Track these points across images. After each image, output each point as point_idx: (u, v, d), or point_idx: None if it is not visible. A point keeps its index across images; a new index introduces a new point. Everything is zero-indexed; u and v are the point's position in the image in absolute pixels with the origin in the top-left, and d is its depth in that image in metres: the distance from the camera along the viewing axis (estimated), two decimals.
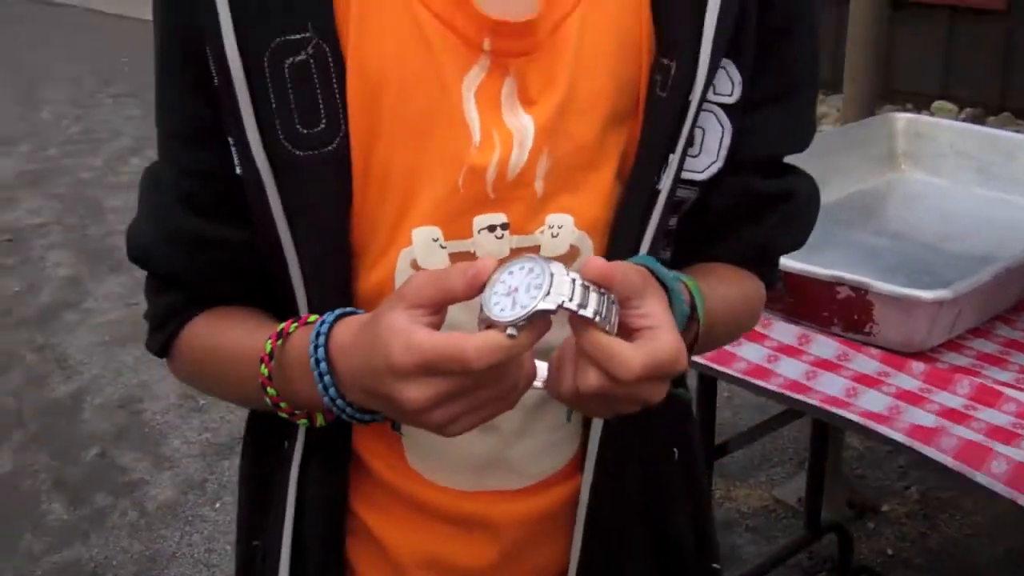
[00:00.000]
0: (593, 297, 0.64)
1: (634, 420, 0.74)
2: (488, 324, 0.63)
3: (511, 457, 0.82)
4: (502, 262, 0.66)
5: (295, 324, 0.76)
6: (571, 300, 0.63)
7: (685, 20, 0.79)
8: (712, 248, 0.88)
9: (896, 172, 2.06)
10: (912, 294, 1.34)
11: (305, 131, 0.76)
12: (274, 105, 0.75)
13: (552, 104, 0.77)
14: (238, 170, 0.78)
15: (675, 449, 0.91)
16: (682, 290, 0.74)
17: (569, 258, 0.79)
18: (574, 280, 0.64)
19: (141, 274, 0.86)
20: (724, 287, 0.85)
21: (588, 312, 0.63)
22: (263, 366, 0.77)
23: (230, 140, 0.77)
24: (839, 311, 1.42)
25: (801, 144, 0.87)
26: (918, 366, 1.35)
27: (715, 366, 1.50)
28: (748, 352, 1.46)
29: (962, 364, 1.37)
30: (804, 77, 0.87)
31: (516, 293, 0.64)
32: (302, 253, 0.79)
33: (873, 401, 1.32)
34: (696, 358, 1.30)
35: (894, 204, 1.96)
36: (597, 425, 0.82)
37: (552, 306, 0.62)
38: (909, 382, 1.34)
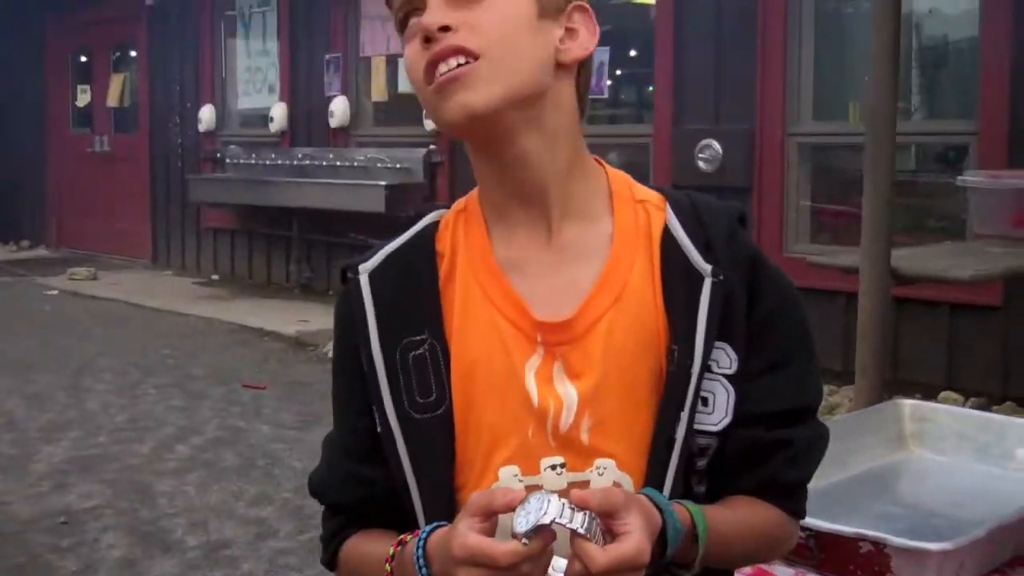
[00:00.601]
0: (579, 516, 0.97)
1: None
2: (513, 533, 0.97)
3: None
4: (530, 490, 1.01)
5: (409, 536, 1.12)
6: (561, 518, 0.96)
7: (683, 317, 1.15)
8: (733, 484, 1.18)
9: (905, 451, 2.33)
10: (922, 546, 1.59)
11: (421, 401, 1.16)
12: (402, 384, 1.17)
13: (591, 381, 1.14)
14: (378, 429, 1.18)
15: None
16: (677, 512, 1.06)
17: None
18: (564, 504, 0.97)
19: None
20: (733, 513, 1.16)
21: (574, 526, 0.96)
22: (387, 564, 1.13)
23: (374, 408, 1.18)
24: (863, 564, 1.66)
25: (798, 401, 1.20)
26: None
27: None
28: None
29: None
30: (794, 350, 1.20)
31: (530, 514, 0.97)
32: (421, 486, 1.16)
33: None
34: None
35: (905, 479, 2.22)
36: None
37: (548, 521, 0.96)
38: None
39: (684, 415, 1.13)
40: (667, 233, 1.18)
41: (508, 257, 1.19)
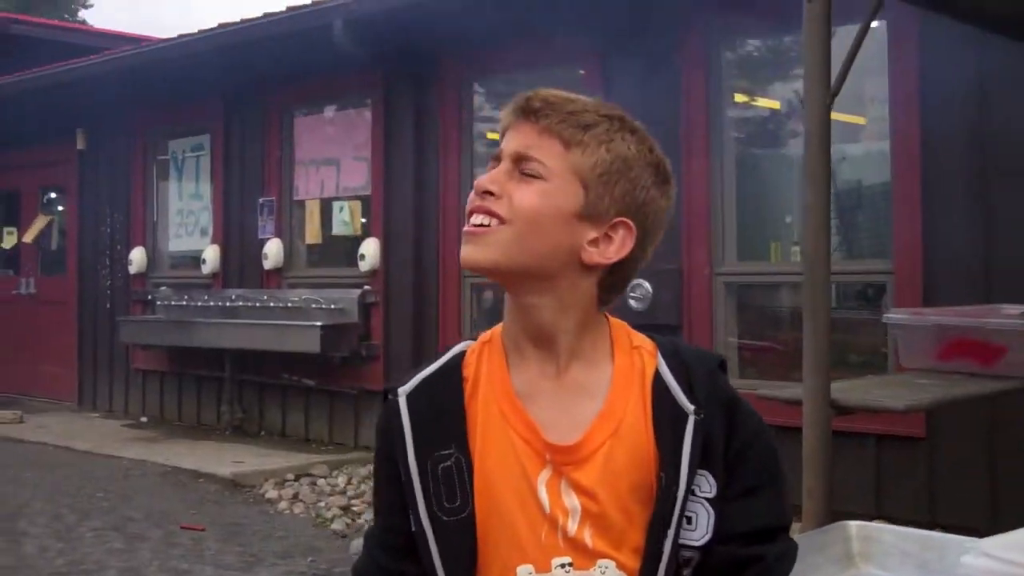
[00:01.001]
0: None
1: None
2: None
3: None
4: None
5: None
6: None
7: (670, 448, 1.37)
8: None
9: (854, 569, 2.49)
10: None
11: (448, 506, 1.37)
12: (432, 490, 1.37)
13: (592, 497, 1.36)
14: (413, 528, 1.38)
15: None
16: None
17: None
18: None
19: None
20: None
21: None
22: None
23: (409, 511, 1.38)
24: None
25: (770, 521, 1.42)
26: None
27: None
28: None
29: None
30: (765, 478, 1.43)
31: None
32: None
33: None
34: None
35: None
36: None
37: None
38: None
39: (671, 531, 1.35)
40: (658, 376, 1.41)
41: (522, 386, 1.41)
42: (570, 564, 1.34)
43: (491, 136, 8.22)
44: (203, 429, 9.84)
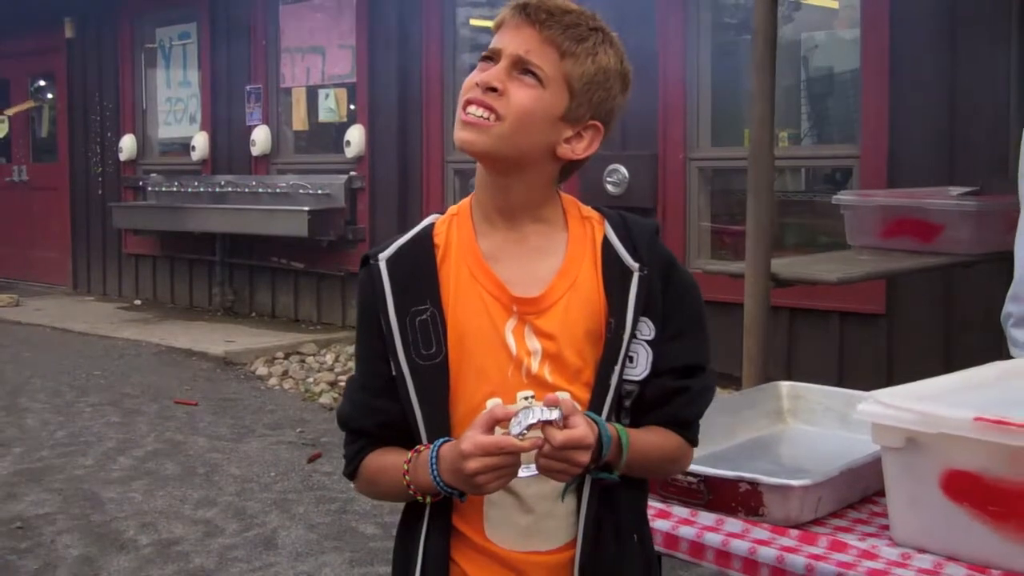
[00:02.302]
0: (553, 413, 1.46)
1: (604, 515, 1.60)
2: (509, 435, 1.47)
3: (541, 529, 1.61)
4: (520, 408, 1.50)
5: (422, 447, 1.58)
6: (543, 416, 1.46)
7: (617, 299, 1.63)
8: (648, 418, 1.67)
9: (783, 424, 2.76)
10: (787, 483, 2.01)
11: (425, 352, 1.61)
12: (411, 340, 1.61)
13: (552, 340, 1.62)
14: (393, 372, 1.63)
15: (635, 535, 1.67)
16: (608, 427, 1.56)
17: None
18: (543, 409, 1.46)
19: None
20: (647, 434, 1.65)
21: (551, 417, 1.46)
22: (405, 465, 1.58)
23: (390, 358, 1.63)
24: (742, 500, 2.08)
25: (695, 359, 1.69)
26: (794, 532, 2.01)
27: (664, 551, 2.13)
28: (685, 533, 2.10)
29: (824, 532, 2.03)
30: (693, 326, 1.71)
31: (521, 421, 1.46)
32: (425, 414, 1.61)
33: (766, 556, 1.97)
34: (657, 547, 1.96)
35: (781, 445, 2.65)
36: (583, 516, 1.61)
37: (535, 420, 1.46)
38: (789, 542, 1.99)
39: (617, 368, 1.61)
40: (606, 241, 1.67)
41: (489, 250, 1.65)
42: (532, 396, 1.59)
43: (474, 23, 8.34)
44: (195, 311, 10.12)
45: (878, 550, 1.96)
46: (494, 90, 1.57)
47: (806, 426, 2.74)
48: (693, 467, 1.99)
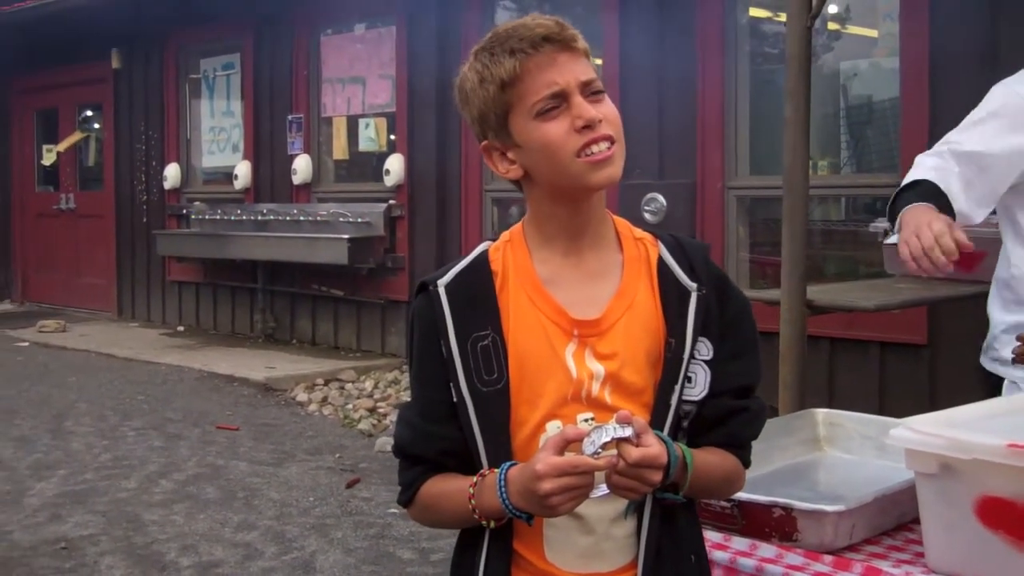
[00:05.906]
0: (626, 430, 1.47)
1: (664, 536, 1.61)
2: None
3: (602, 550, 1.62)
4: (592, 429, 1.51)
5: (486, 471, 1.58)
6: (616, 434, 1.47)
7: (676, 319, 1.65)
8: (706, 438, 1.68)
9: (819, 451, 2.76)
10: (821, 508, 2.02)
11: (487, 378, 1.62)
12: (472, 366, 1.62)
13: (613, 362, 1.63)
14: (454, 399, 1.63)
15: (692, 555, 1.69)
16: (675, 446, 1.57)
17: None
18: (616, 427, 1.47)
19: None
20: (707, 455, 1.66)
21: (626, 435, 1.47)
22: (471, 488, 1.58)
23: (451, 384, 1.63)
24: (775, 526, 2.09)
25: (751, 379, 1.71)
26: (828, 558, 2.02)
27: None
28: (719, 557, 2.12)
29: (858, 558, 2.04)
30: (749, 344, 1.73)
31: (595, 441, 1.48)
32: (486, 441, 1.62)
33: None
34: None
35: (817, 472, 2.65)
36: (644, 537, 1.62)
37: (609, 439, 1.47)
38: (823, 568, 2.00)
39: (677, 388, 1.64)
40: (661, 261, 1.69)
41: (547, 275, 1.67)
42: (592, 418, 1.60)
43: None
44: (237, 337, 10.22)
45: None
46: (600, 121, 1.60)
47: (842, 453, 2.74)
48: None
